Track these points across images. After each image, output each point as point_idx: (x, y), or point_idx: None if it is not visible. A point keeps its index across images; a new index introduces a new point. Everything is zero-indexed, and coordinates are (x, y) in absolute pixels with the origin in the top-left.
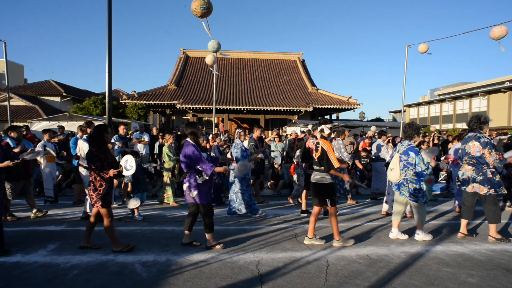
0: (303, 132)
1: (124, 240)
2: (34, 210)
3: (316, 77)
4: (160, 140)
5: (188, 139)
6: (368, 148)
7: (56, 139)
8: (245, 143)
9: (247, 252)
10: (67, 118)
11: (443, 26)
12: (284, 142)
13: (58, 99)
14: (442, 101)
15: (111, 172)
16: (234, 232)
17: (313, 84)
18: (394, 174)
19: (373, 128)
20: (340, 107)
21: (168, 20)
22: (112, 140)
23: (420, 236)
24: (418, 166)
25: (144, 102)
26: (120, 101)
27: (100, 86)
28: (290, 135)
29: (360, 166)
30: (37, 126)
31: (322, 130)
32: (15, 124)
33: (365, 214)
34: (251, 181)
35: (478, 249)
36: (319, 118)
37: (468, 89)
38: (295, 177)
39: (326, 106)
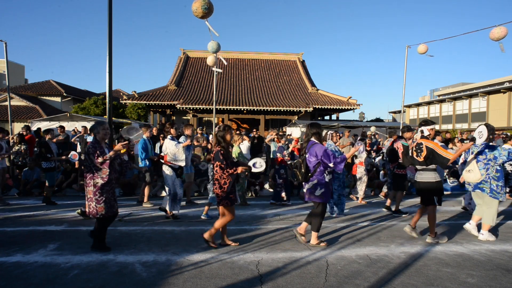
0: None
1: (125, 240)
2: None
3: (316, 77)
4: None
5: (313, 138)
6: (368, 149)
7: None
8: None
9: (247, 252)
10: (68, 118)
11: (443, 26)
12: (286, 142)
13: (58, 99)
14: (441, 101)
15: (240, 169)
16: (234, 232)
17: (313, 85)
18: (473, 175)
19: (372, 129)
20: (340, 107)
21: (168, 20)
22: (181, 140)
23: (484, 236)
24: (500, 158)
25: (144, 102)
26: (120, 101)
27: (101, 86)
28: (290, 135)
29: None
30: (38, 126)
31: (422, 131)
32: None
33: (365, 214)
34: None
35: (478, 249)
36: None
37: (468, 89)
38: (358, 176)
39: (326, 107)
